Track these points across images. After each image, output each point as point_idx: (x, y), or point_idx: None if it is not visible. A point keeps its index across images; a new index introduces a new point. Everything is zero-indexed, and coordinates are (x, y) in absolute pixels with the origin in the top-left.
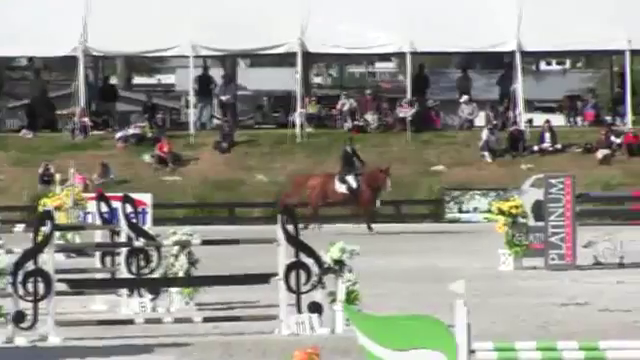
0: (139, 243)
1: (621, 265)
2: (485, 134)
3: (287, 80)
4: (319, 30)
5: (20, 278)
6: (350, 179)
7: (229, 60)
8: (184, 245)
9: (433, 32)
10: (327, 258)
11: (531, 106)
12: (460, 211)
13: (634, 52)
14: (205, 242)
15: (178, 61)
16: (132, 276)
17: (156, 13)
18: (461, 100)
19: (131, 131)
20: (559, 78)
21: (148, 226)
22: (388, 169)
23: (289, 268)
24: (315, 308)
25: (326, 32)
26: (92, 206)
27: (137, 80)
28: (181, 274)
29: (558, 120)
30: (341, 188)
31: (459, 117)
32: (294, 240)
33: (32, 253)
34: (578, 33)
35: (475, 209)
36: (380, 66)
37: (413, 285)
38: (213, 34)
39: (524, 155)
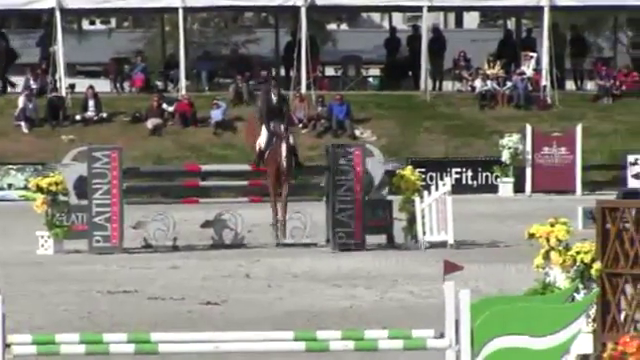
0: None
1: (175, 248)
2: (22, 101)
3: None
4: None
5: None
6: None
7: None
8: None
9: None
10: None
11: (73, 70)
12: None
13: (187, 10)
14: None
15: None
16: None
17: None
18: None
19: None
20: (104, 39)
21: None
22: None
23: None
24: None
25: None
26: None
27: None
28: None
29: (103, 86)
30: None
31: None
32: None
33: None
34: None
35: (10, 186)
36: None
37: None
38: None
39: (65, 125)
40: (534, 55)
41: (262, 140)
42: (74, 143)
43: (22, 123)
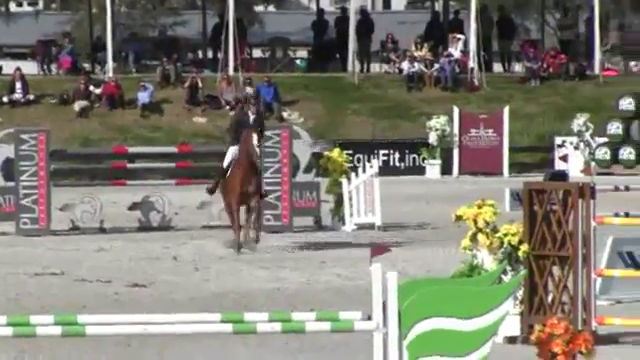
0: None
1: (102, 230)
2: None
3: None
4: None
5: None
6: None
7: None
8: None
9: None
10: None
11: (0, 52)
12: None
13: None
14: None
15: None
16: None
17: None
18: None
19: None
20: (31, 21)
21: None
22: None
23: None
24: None
25: None
26: None
27: None
28: None
29: (30, 68)
30: None
31: None
32: None
33: None
34: None
35: None
36: None
37: None
38: None
39: None
40: (461, 37)
41: (226, 160)
42: (1, 125)
43: None
